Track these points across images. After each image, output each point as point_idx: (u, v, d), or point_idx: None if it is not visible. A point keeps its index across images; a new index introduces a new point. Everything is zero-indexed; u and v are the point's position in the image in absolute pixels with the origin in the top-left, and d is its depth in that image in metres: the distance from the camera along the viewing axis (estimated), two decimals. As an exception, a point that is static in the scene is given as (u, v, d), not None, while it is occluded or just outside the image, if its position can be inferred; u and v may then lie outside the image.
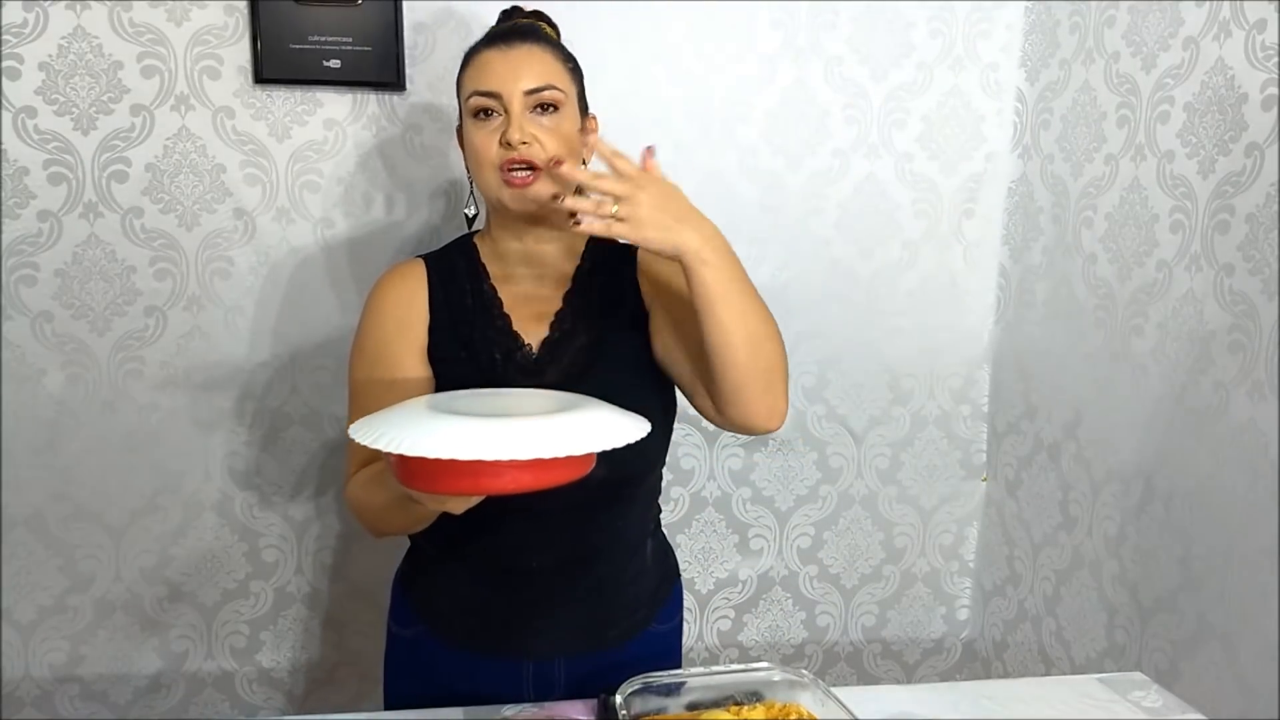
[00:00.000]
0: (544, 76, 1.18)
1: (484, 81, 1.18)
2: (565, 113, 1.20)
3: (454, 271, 1.28)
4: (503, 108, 1.17)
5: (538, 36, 1.23)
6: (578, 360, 1.23)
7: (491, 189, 1.20)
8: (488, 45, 1.21)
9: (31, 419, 1.73)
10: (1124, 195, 1.62)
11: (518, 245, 1.26)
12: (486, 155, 1.18)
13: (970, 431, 2.05)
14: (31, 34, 1.61)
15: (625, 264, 1.29)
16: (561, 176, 1.14)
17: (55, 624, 1.81)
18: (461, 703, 1.24)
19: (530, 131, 1.16)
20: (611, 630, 1.30)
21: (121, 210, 1.69)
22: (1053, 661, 1.84)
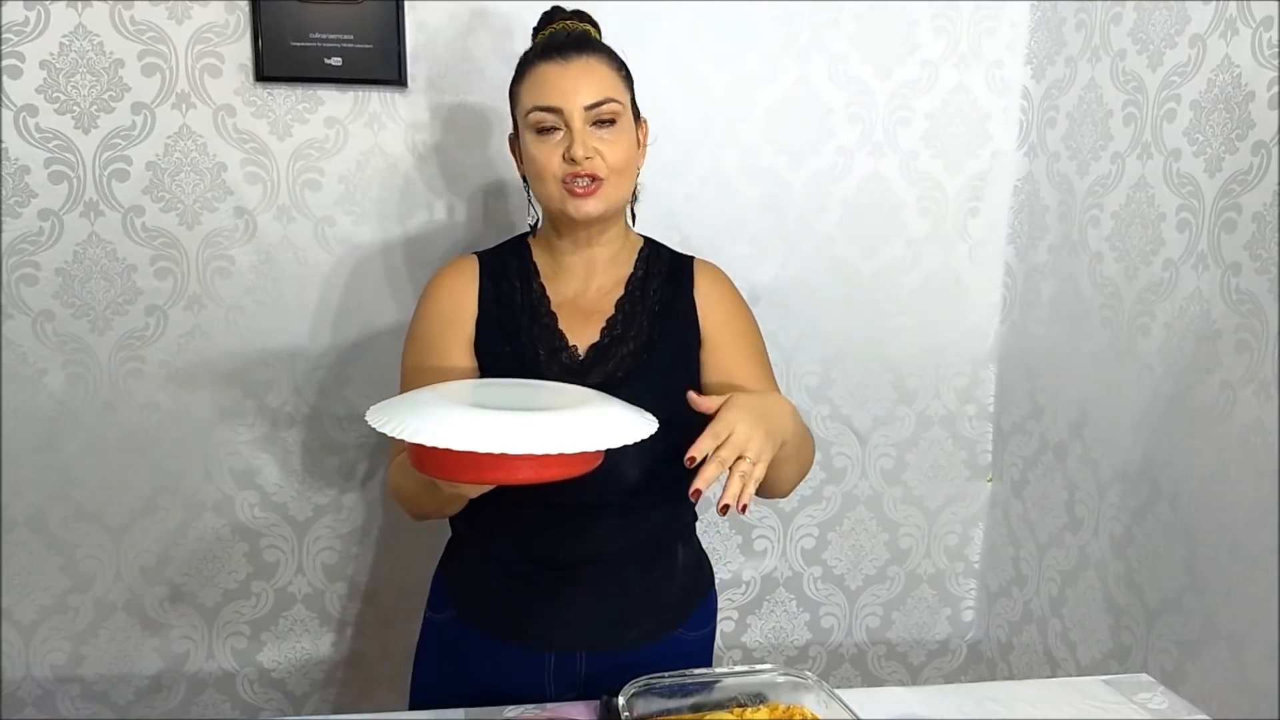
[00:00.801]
0: (603, 90, 1.21)
1: (544, 97, 1.20)
2: (623, 124, 1.23)
3: (506, 269, 1.31)
4: (563, 122, 1.20)
5: (592, 47, 1.24)
6: (623, 365, 1.25)
7: (555, 201, 1.22)
8: (544, 58, 1.22)
9: (32, 418, 1.72)
10: (1130, 193, 1.61)
11: (573, 250, 1.30)
12: (549, 169, 1.20)
13: (975, 431, 2.04)
14: (33, 32, 1.61)
15: (683, 275, 1.33)
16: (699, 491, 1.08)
17: (56, 624, 1.80)
18: (483, 688, 1.27)
19: (592, 146, 1.19)
20: (634, 630, 1.30)
21: (122, 209, 1.69)
22: (1058, 663, 1.82)
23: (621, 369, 1.25)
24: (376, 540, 1.88)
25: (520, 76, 1.25)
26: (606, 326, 1.27)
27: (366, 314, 1.79)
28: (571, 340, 1.27)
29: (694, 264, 1.34)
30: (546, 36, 1.28)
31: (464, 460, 0.93)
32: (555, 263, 1.31)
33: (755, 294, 1.89)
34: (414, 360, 1.29)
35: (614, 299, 1.29)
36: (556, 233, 1.29)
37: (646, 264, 1.32)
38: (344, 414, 1.82)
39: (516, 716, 1.16)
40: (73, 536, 1.78)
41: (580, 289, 1.30)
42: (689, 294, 1.31)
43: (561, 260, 1.30)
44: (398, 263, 1.78)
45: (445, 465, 0.96)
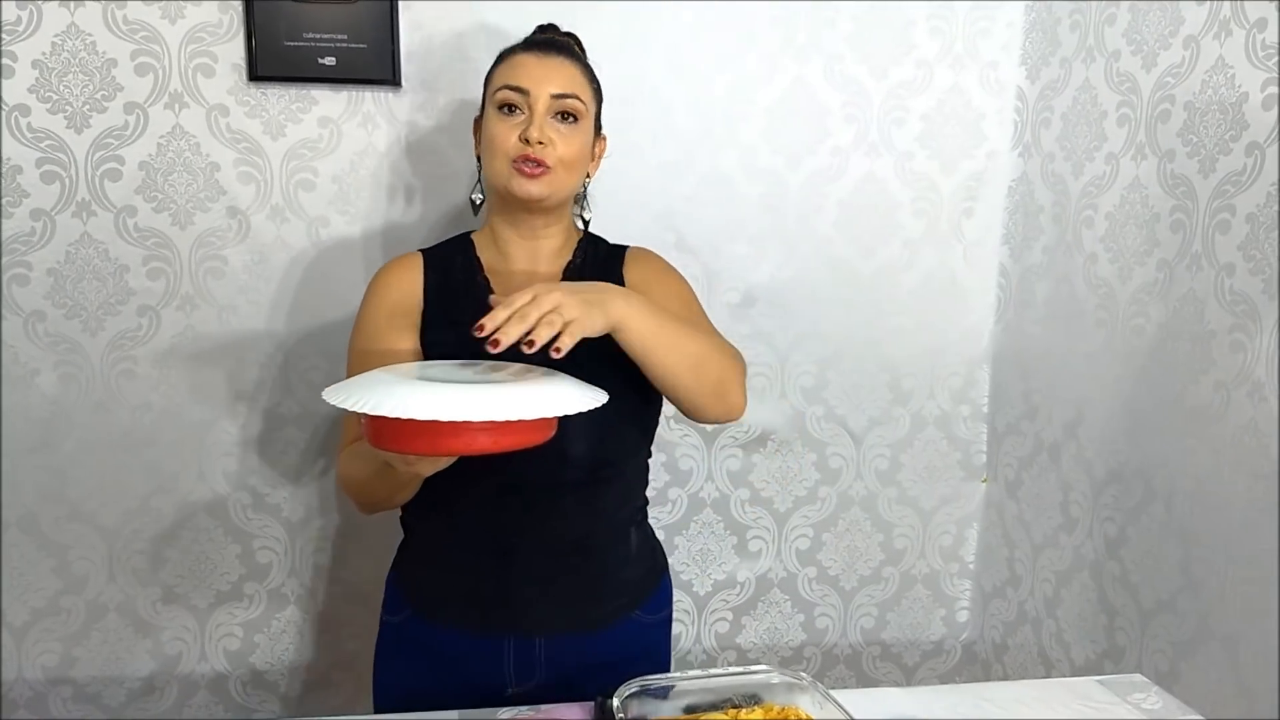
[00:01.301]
0: (571, 85, 1.27)
1: (514, 77, 1.26)
2: (583, 125, 1.29)
3: (450, 264, 1.36)
4: (527, 106, 1.25)
5: (571, 52, 1.32)
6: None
7: (501, 177, 1.27)
8: (524, 48, 1.30)
9: (24, 419, 1.71)
10: (1125, 194, 1.61)
11: (515, 236, 1.34)
12: (503, 146, 1.26)
13: (970, 432, 2.04)
14: (25, 31, 1.60)
15: (614, 260, 1.38)
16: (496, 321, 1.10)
17: (48, 625, 1.79)
18: (444, 683, 1.29)
19: (548, 134, 1.25)
20: (593, 613, 1.32)
21: (115, 209, 1.68)
22: (1053, 663, 1.83)
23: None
24: (370, 541, 1.87)
25: (497, 62, 1.31)
26: None
27: (360, 314, 1.78)
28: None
29: (627, 249, 1.40)
30: (533, 35, 1.37)
31: (423, 431, 0.96)
32: (499, 253, 1.35)
33: (753, 294, 1.89)
34: (361, 348, 1.32)
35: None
36: (502, 219, 1.34)
37: (585, 253, 1.38)
38: (338, 415, 1.81)
39: (511, 717, 1.16)
40: (65, 538, 1.77)
41: (524, 280, 1.33)
42: (619, 271, 1.36)
43: (505, 250, 1.35)
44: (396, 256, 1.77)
45: (403, 438, 0.98)
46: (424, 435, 0.97)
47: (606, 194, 1.80)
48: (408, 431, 0.97)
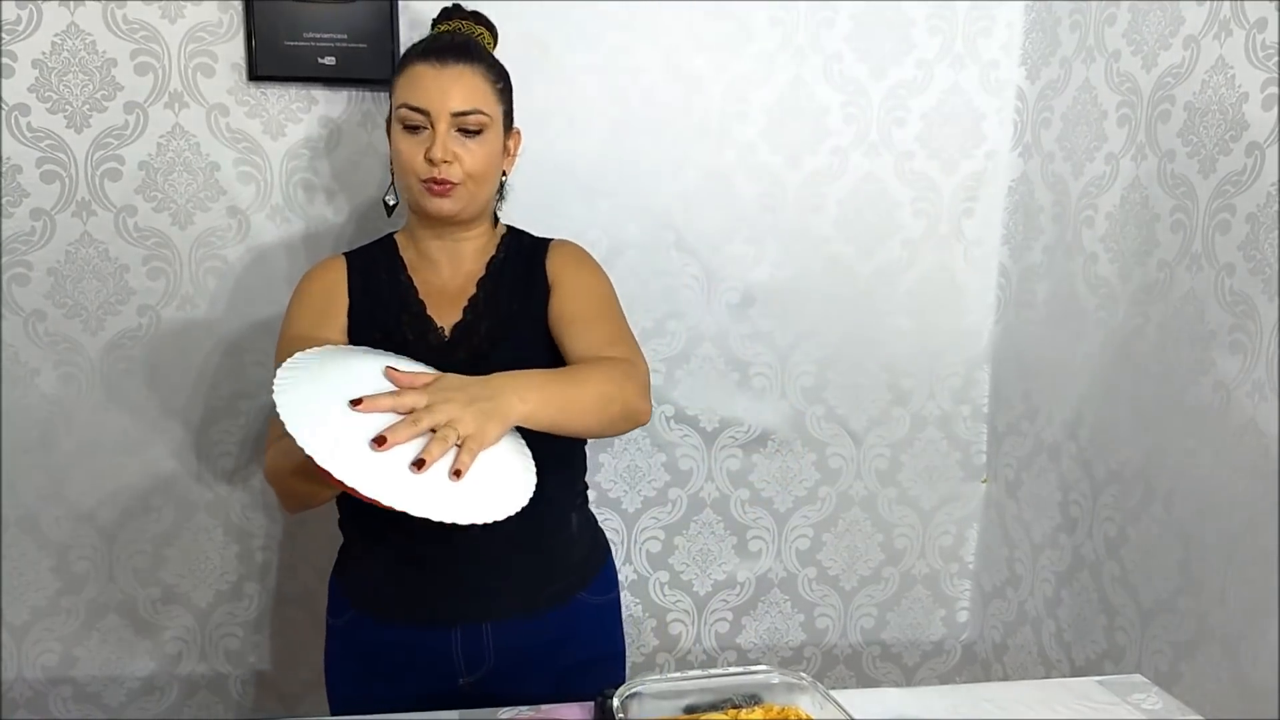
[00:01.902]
0: (471, 100, 1.26)
1: (414, 97, 1.26)
2: (488, 135, 1.29)
3: (374, 264, 1.37)
4: (429, 123, 1.26)
5: (472, 55, 1.29)
6: (486, 339, 1.31)
7: (413, 194, 1.30)
8: (423, 59, 1.27)
9: (24, 419, 1.71)
10: (1125, 194, 1.61)
11: (437, 243, 1.36)
12: (410, 165, 1.27)
13: (970, 432, 2.04)
14: (25, 31, 1.60)
15: (538, 254, 1.39)
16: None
17: (48, 625, 1.79)
18: (395, 680, 1.30)
19: (453, 150, 1.26)
20: (538, 595, 1.33)
21: (115, 209, 1.68)
22: (1053, 664, 1.82)
23: (487, 342, 1.30)
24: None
25: (399, 70, 1.30)
26: (469, 305, 1.33)
27: (360, 314, 1.78)
28: (439, 322, 1.32)
29: (550, 242, 1.41)
30: (432, 39, 1.33)
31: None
32: (420, 254, 1.37)
33: (752, 294, 1.89)
34: (288, 353, 1.28)
35: (476, 279, 1.35)
36: (421, 225, 1.35)
37: (507, 248, 1.39)
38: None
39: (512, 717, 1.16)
40: (65, 537, 1.77)
41: (447, 277, 1.36)
42: (542, 264, 1.37)
43: (426, 250, 1.36)
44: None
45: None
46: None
47: (605, 193, 1.81)
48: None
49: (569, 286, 1.35)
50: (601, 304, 1.35)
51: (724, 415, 1.93)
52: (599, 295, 1.37)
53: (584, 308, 1.33)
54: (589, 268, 1.40)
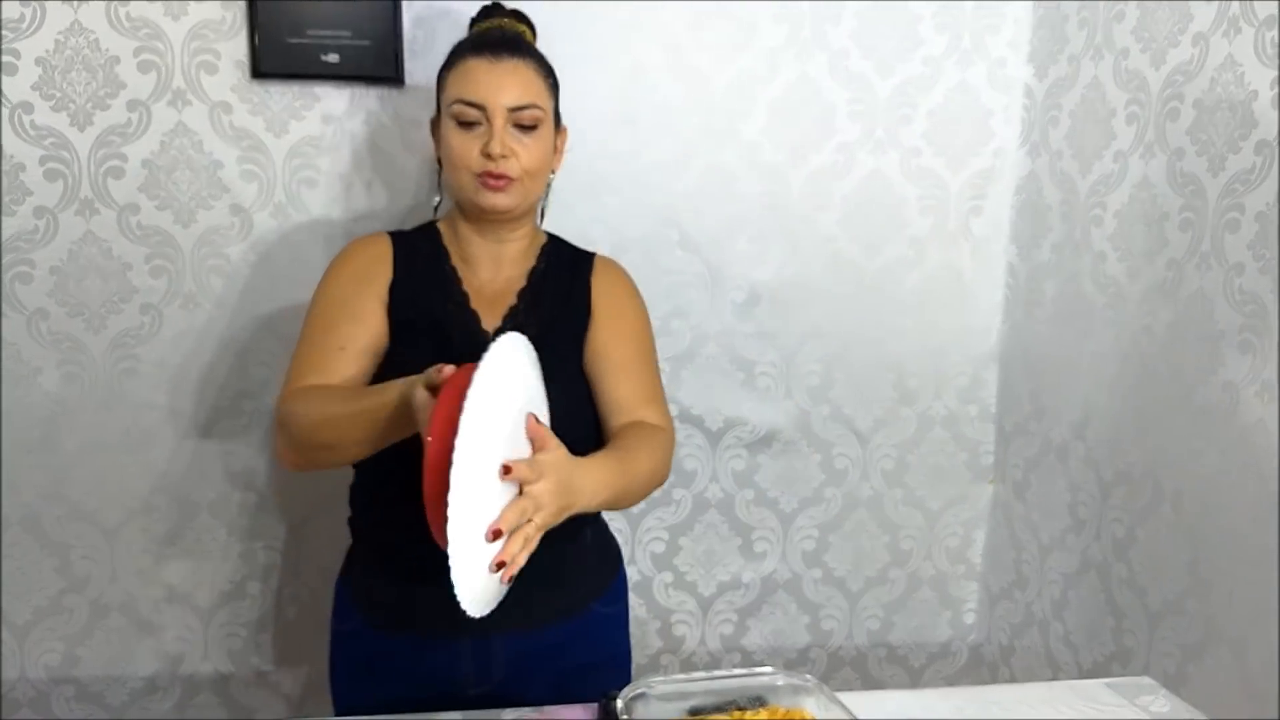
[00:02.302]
0: (527, 95, 1.25)
1: (470, 91, 1.24)
2: (542, 131, 1.28)
3: (417, 247, 1.36)
4: (485, 119, 1.24)
5: (524, 50, 1.29)
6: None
7: (467, 190, 1.27)
8: (476, 53, 1.26)
9: (27, 418, 1.71)
10: (1133, 193, 1.59)
11: (480, 241, 1.34)
12: (464, 160, 1.25)
13: (978, 432, 2.03)
14: (29, 29, 1.60)
15: (582, 267, 1.38)
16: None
17: (51, 625, 1.79)
18: (401, 690, 1.29)
19: (510, 145, 1.24)
20: (549, 607, 1.32)
21: (118, 207, 1.68)
22: (1060, 666, 1.81)
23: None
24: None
25: (450, 65, 1.28)
26: (509, 314, 1.32)
27: (364, 313, 1.77)
28: (483, 322, 1.31)
29: (595, 259, 1.40)
30: (481, 34, 1.33)
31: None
32: (462, 250, 1.35)
33: (756, 292, 1.88)
34: (324, 319, 1.29)
35: (517, 289, 1.34)
36: (466, 222, 1.34)
37: (549, 258, 1.37)
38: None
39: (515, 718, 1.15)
40: (68, 537, 1.77)
41: (487, 279, 1.34)
42: (586, 283, 1.36)
43: (469, 250, 1.34)
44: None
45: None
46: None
47: (609, 191, 1.80)
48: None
49: (613, 325, 1.34)
50: (641, 350, 1.35)
51: (729, 415, 1.93)
52: (639, 341, 1.36)
53: (625, 354, 1.33)
54: (632, 303, 1.39)
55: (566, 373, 1.28)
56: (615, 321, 1.34)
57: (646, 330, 1.38)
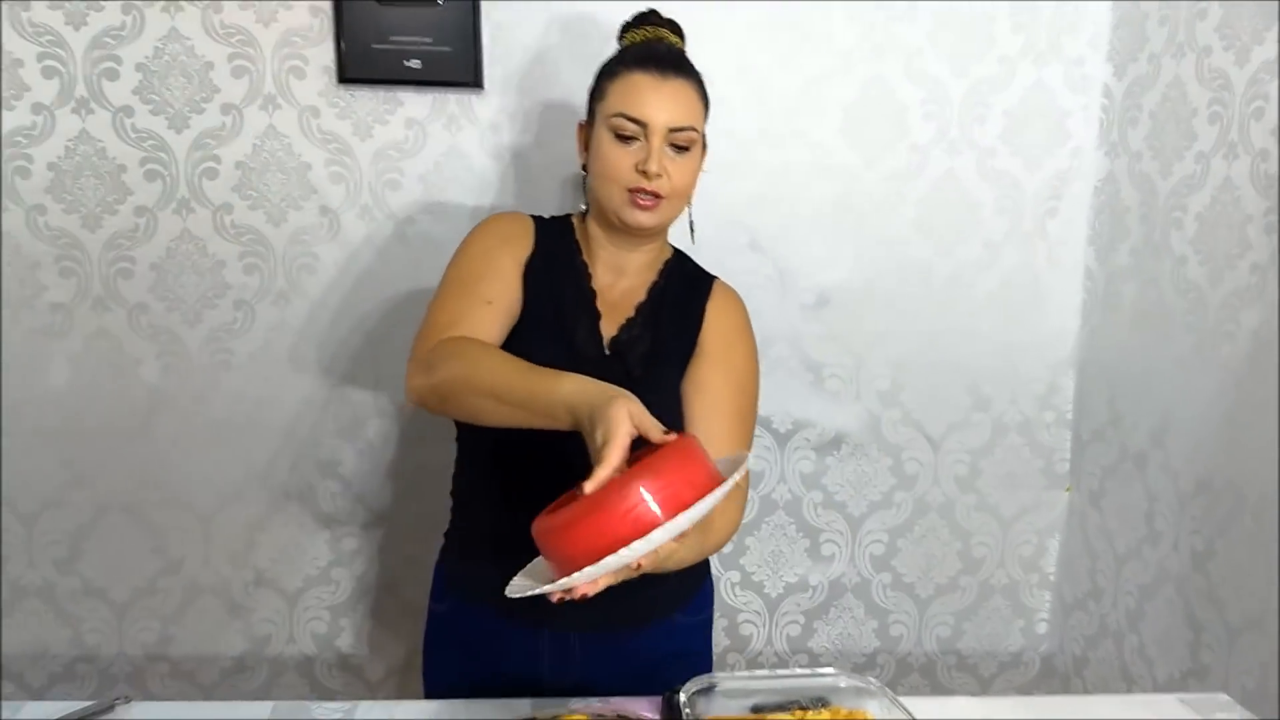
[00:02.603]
0: (688, 117, 1.25)
1: (633, 107, 1.23)
2: (694, 151, 1.27)
3: (554, 234, 1.35)
4: (644, 136, 1.23)
5: (687, 69, 1.28)
6: (637, 364, 1.29)
7: (614, 203, 1.26)
8: (642, 68, 1.25)
9: (128, 407, 1.81)
10: (1215, 195, 1.55)
11: (610, 246, 1.34)
12: (617, 174, 1.24)
13: (1053, 439, 1.99)
14: (130, 36, 1.69)
15: (699, 290, 1.37)
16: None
17: (148, 604, 1.89)
18: (484, 673, 1.31)
19: (664, 164, 1.24)
20: (629, 615, 1.31)
21: (213, 207, 1.76)
22: (1135, 679, 1.77)
23: (639, 367, 1.29)
24: (448, 532, 1.92)
25: (612, 75, 1.27)
26: (625, 325, 1.31)
27: (442, 311, 1.83)
28: (602, 323, 1.31)
29: (714, 283, 1.38)
30: (646, 46, 1.30)
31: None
32: (592, 253, 1.35)
33: (825, 294, 1.88)
34: (470, 273, 1.27)
35: (635, 302, 1.33)
36: (602, 229, 1.33)
37: (670, 275, 1.37)
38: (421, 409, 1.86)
39: (581, 708, 1.17)
40: (164, 521, 1.86)
41: (608, 283, 1.34)
42: (701, 307, 1.35)
43: (596, 252, 1.34)
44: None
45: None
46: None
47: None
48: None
49: (718, 360, 1.32)
50: (739, 393, 1.32)
51: (797, 417, 1.93)
52: (741, 384, 1.33)
53: (723, 395, 1.30)
54: (742, 341, 1.36)
55: (668, 393, 1.28)
56: (721, 357, 1.32)
57: (750, 372, 1.35)
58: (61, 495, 1.83)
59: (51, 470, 1.81)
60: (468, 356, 1.15)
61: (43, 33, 1.67)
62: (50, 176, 1.72)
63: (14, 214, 1.72)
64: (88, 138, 1.71)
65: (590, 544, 0.90)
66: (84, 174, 1.72)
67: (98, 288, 1.76)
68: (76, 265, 1.75)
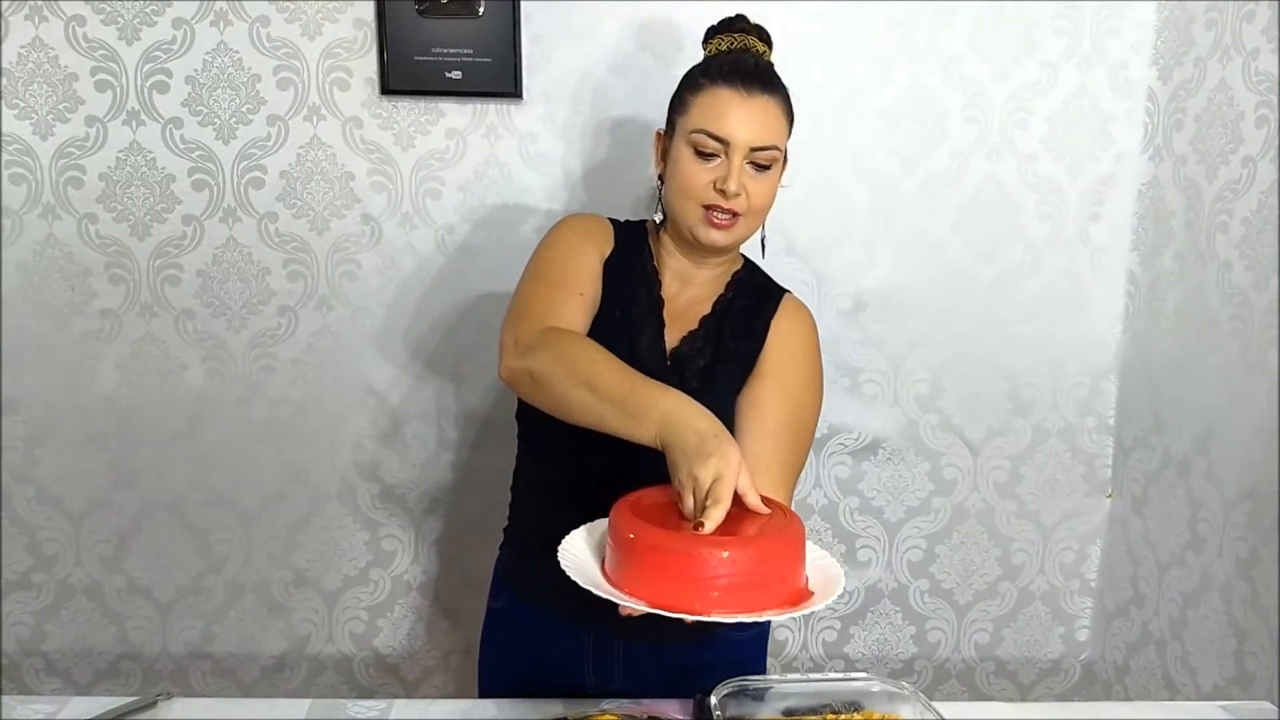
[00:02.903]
0: (772, 136, 1.22)
1: (716, 124, 1.20)
2: (775, 169, 1.24)
3: (630, 237, 1.35)
4: (725, 154, 1.21)
5: (775, 86, 1.24)
6: (698, 377, 1.28)
7: (688, 219, 1.25)
8: (729, 83, 1.21)
9: (174, 410, 1.85)
10: (1262, 199, 1.53)
11: (681, 256, 1.33)
12: (694, 189, 1.22)
13: (1095, 445, 1.97)
14: (180, 50, 1.73)
15: (766, 305, 1.33)
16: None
17: (191, 603, 1.92)
18: (535, 672, 1.31)
19: (744, 183, 1.21)
20: (676, 626, 1.28)
21: (258, 215, 1.79)
22: (1177, 688, 1.75)
23: (696, 380, 1.27)
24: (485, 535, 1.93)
25: (696, 87, 1.23)
26: (688, 337, 1.30)
27: (482, 316, 1.85)
28: (666, 333, 1.30)
29: (783, 298, 1.35)
30: (733, 58, 1.25)
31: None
32: (661, 261, 1.34)
33: (862, 299, 1.88)
34: (559, 266, 1.27)
35: (700, 314, 1.32)
36: (673, 240, 1.32)
37: (737, 288, 1.34)
38: (458, 410, 1.88)
39: (613, 709, 1.18)
40: (208, 521, 1.89)
41: (675, 292, 1.33)
42: (766, 323, 1.32)
43: (667, 262, 1.34)
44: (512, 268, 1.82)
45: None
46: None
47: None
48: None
49: (776, 381, 1.28)
50: (795, 417, 1.27)
51: (833, 422, 1.92)
52: (798, 409, 1.28)
53: (777, 418, 1.25)
54: (805, 362, 1.32)
55: (722, 409, 1.22)
56: (780, 377, 1.28)
57: (808, 393, 1.31)
58: (109, 496, 1.87)
59: (99, 471, 1.86)
60: (572, 345, 1.15)
61: (97, 47, 1.72)
62: (101, 186, 1.76)
63: (66, 223, 1.77)
64: (138, 148, 1.75)
65: (654, 574, 0.94)
66: (134, 184, 1.76)
67: (146, 294, 1.80)
68: (126, 272, 1.79)
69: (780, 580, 0.97)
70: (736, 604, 0.94)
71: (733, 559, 0.94)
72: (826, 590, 1.00)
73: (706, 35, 1.31)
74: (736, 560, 0.94)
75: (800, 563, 1.01)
